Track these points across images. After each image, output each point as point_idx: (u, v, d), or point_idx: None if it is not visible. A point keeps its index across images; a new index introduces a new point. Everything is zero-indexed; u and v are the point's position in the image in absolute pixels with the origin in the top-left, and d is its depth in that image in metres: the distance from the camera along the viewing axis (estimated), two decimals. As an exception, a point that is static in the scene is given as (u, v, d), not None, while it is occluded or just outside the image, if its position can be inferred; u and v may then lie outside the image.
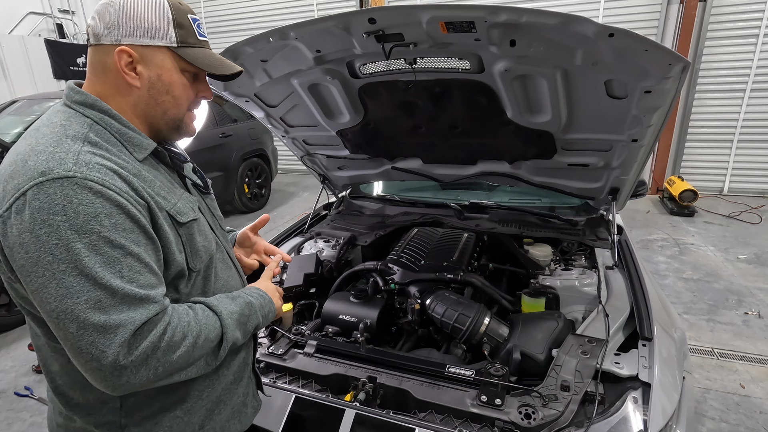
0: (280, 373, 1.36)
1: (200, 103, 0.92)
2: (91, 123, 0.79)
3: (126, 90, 0.81)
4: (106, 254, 0.69)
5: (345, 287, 1.85)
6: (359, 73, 1.62)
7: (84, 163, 0.71)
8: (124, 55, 0.78)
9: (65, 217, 0.67)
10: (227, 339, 0.85)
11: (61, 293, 0.67)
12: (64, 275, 0.67)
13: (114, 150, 0.78)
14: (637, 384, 1.20)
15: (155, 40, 0.80)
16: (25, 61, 6.59)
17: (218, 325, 0.83)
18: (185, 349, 0.76)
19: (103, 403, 0.83)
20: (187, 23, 0.83)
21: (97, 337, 0.68)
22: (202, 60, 0.84)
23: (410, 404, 1.23)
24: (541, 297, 1.64)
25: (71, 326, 0.68)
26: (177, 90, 0.84)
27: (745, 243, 4.36)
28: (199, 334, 0.79)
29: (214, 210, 1.03)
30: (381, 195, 2.67)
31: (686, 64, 1.20)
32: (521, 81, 1.48)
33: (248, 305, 0.92)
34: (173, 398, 0.87)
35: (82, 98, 0.80)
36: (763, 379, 2.46)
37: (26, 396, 2.53)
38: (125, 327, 0.69)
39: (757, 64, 5.46)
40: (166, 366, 0.74)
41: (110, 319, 0.69)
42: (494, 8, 1.16)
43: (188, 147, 4.63)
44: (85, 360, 0.69)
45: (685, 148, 6.04)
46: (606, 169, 1.87)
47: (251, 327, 0.93)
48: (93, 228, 0.69)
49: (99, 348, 0.68)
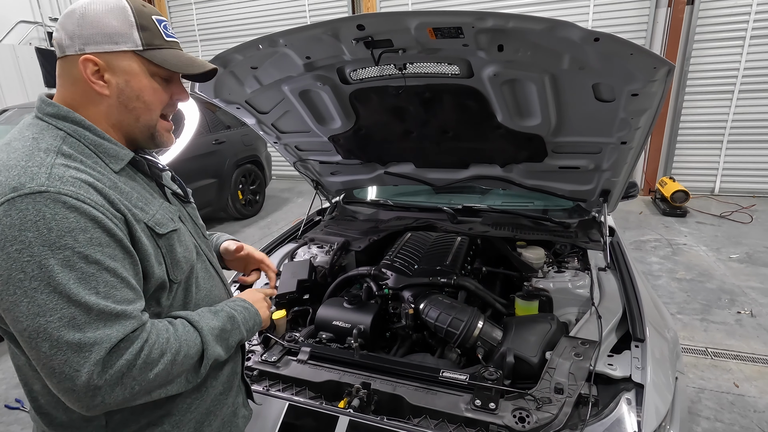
0: (274, 381, 1.35)
1: (175, 106, 0.89)
2: (65, 135, 0.77)
3: (96, 99, 0.80)
4: (80, 270, 0.68)
5: (339, 293, 1.85)
6: (350, 79, 1.63)
7: (57, 177, 0.69)
8: (89, 64, 0.77)
9: (38, 233, 0.65)
10: (208, 355, 0.82)
11: (33, 311, 0.65)
12: (36, 293, 0.65)
13: (89, 162, 0.76)
14: (631, 385, 1.20)
15: (119, 46, 0.78)
16: (16, 69, 6.55)
17: (198, 341, 0.81)
18: (163, 366, 0.74)
19: (87, 422, 0.81)
20: (151, 25, 0.81)
21: (71, 356, 0.66)
22: (171, 61, 0.82)
23: (404, 410, 1.22)
24: (535, 300, 1.65)
25: (44, 345, 0.66)
26: (148, 95, 0.82)
27: (737, 242, 4.40)
28: (179, 350, 0.76)
29: (196, 219, 1.01)
30: (374, 200, 2.68)
31: (671, 68, 1.21)
32: (510, 85, 1.49)
33: (231, 319, 0.89)
34: (161, 413, 0.85)
35: (55, 110, 0.78)
36: (757, 377, 2.47)
37: (17, 408, 2.49)
38: (100, 345, 0.67)
39: (745, 66, 5.54)
40: (143, 384, 0.72)
41: (84, 337, 0.67)
42: (481, 14, 1.17)
43: (181, 154, 4.61)
44: (58, 380, 0.67)
45: (676, 149, 6.11)
46: (596, 172, 1.88)
47: (233, 342, 0.90)
48: (67, 243, 0.67)
49: (72, 367, 0.66)
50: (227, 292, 1.04)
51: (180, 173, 1.08)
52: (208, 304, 0.93)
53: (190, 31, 8.00)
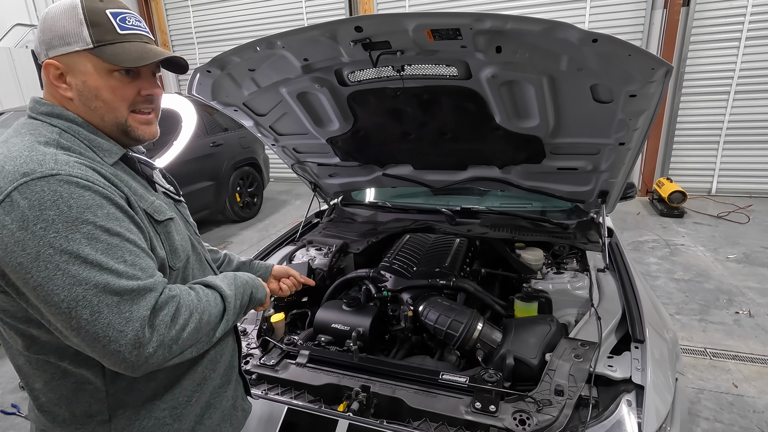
0: (273, 385, 1.34)
1: (151, 101, 0.87)
2: (60, 131, 0.79)
3: (66, 102, 0.81)
4: (105, 242, 0.70)
5: (337, 295, 1.84)
6: (348, 81, 1.62)
7: (64, 162, 0.72)
8: (51, 68, 0.79)
9: (58, 211, 0.68)
10: (229, 306, 0.87)
11: (68, 282, 0.67)
12: (68, 265, 0.67)
13: (86, 154, 0.79)
14: (631, 386, 1.20)
15: (72, 46, 0.78)
16: (12, 72, 6.52)
17: (219, 299, 0.86)
18: (194, 325, 0.78)
19: (90, 417, 0.82)
20: (103, 20, 0.79)
21: (113, 318, 0.68)
22: (121, 56, 0.79)
23: (404, 413, 1.22)
24: (534, 301, 1.65)
25: (84, 312, 0.67)
26: (106, 93, 0.80)
27: (734, 243, 4.41)
28: (204, 309, 0.81)
29: (187, 217, 1.03)
30: (373, 202, 2.67)
31: (669, 68, 1.21)
32: (508, 87, 1.49)
33: (237, 278, 0.96)
34: (162, 406, 0.86)
35: (48, 109, 0.80)
36: (756, 377, 2.48)
37: (13, 414, 2.47)
38: (139, 305, 0.71)
39: (741, 66, 5.57)
40: (179, 342, 0.75)
41: (122, 300, 0.69)
42: (479, 15, 1.17)
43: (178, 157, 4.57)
44: (103, 344, 0.68)
45: (673, 150, 6.13)
46: (595, 173, 1.88)
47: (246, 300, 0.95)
48: (88, 218, 0.69)
49: (116, 329, 0.68)
50: None
51: (177, 176, 1.09)
52: None
53: (188, 34, 8.00)
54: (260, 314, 1.61)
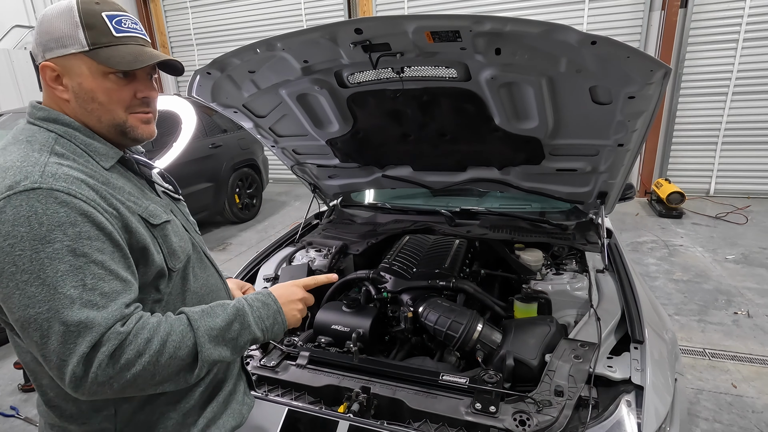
0: (273, 386, 1.34)
1: (148, 104, 0.87)
2: (56, 137, 0.79)
3: (63, 104, 0.82)
4: (68, 263, 0.69)
5: (337, 297, 1.84)
6: (347, 83, 1.63)
7: (50, 174, 0.72)
8: (47, 71, 0.79)
9: (29, 227, 0.68)
10: (203, 358, 0.77)
11: (23, 303, 0.68)
12: (26, 285, 0.68)
13: (81, 160, 0.79)
14: (630, 387, 1.20)
15: (67, 48, 0.78)
16: (11, 74, 6.51)
17: (191, 343, 0.77)
18: (141, 367, 0.71)
19: (97, 412, 0.83)
20: (99, 23, 0.79)
21: (58, 347, 0.68)
22: (115, 59, 0.79)
23: (404, 414, 1.22)
24: (534, 302, 1.65)
25: (35, 335, 0.69)
26: (101, 96, 0.81)
27: (733, 243, 4.43)
28: (161, 352, 0.73)
29: (187, 215, 1.04)
30: (372, 203, 2.67)
31: (667, 70, 1.22)
32: (508, 88, 1.50)
33: (240, 317, 0.83)
34: (166, 400, 0.88)
35: (45, 114, 0.81)
36: (755, 378, 2.48)
37: (12, 416, 2.47)
38: (83, 338, 0.68)
39: (738, 68, 5.59)
40: (123, 382, 0.71)
41: (68, 331, 0.68)
42: (478, 18, 1.18)
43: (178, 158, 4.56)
44: (50, 368, 0.70)
45: (672, 151, 6.14)
46: (594, 174, 1.89)
47: (243, 342, 0.84)
48: (56, 237, 0.69)
49: (60, 357, 0.68)
50: (223, 281, 1.06)
51: (177, 177, 1.09)
52: (205, 291, 0.95)
53: (187, 35, 8.00)
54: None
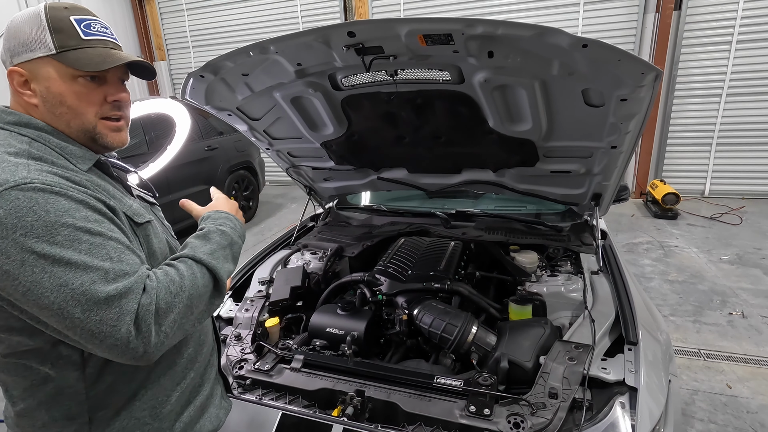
0: (267, 390, 1.34)
1: (119, 108, 0.86)
2: (30, 140, 0.78)
3: (32, 109, 0.81)
4: (87, 242, 0.71)
5: (332, 299, 1.84)
6: (341, 86, 1.63)
7: (36, 171, 0.72)
8: (15, 75, 0.79)
9: (36, 216, 0.68)
10: (221, 277, 0.84)
11: (55, 283, 0.68)
12: (53, 266, 0.68)
13: (59, 163, 0.78)
14: (624, 389, 1.21)
15: (35, 52, 0.78)
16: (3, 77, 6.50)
17: (205, 271, 0.83)
18: (182, 304, 0.76)
19: (71, 420, 0.82)
20: (66, 26, 0.79)
21: (104, 315, 0.69)
22: (83, 61, 0.79)
23: (399, 417, 1.21)
24: (528, 304, 1.65)
25: (76, 311, 0.68)
26: (70, 99, 0.80)
27: (727, 244, 4.45)
28: (191, 286, 0.79)
29: (162, 219, 1.04)
30: (368, 205, 2.67)
31: (658, 73, 1.23)
32: (501, 91, 1.50)
33: (222, 235, 0.90)
34: (142, 405, 0.87)
35: (15, 118, 0.80)
36: (749, 378, 2.49)
37: (1, 421, 2.44)
38: (128, 298, 0.70)
39: (732, 69, 5.63)
40: (174, 325, 0.75)
41: (110, 296, 0.69)
42: (471, 21, 1.18)
43: (173, 161, 4.55)
44: (100, 340, 0.69)
45: (666, 152, 6.18)
46: (588, 176, 1.90)
47: (236, 252, 0.92)
48: (67, 222, 0.70)
49: (109, 324, 0.69)
50: None
51: (172, 180, 1.09)
52: None
53: (183, 38, 7.99)
54: (255, 319, 1.61)
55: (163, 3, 7.91)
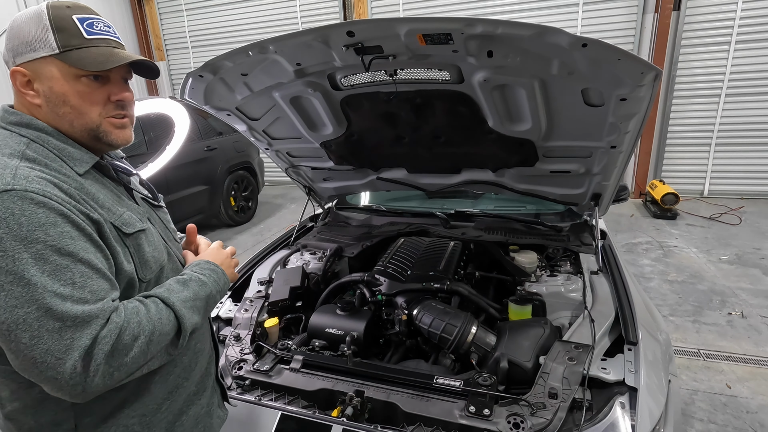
0: (266, 390, 1.33)
1: (123, 107, 0.85)
2: (28, 141, 0.78)
3: (35, 109, 0.81)
4: (54, 262, 0.68)
5: (332, 300, 1.84)
6: (340, 85, 1.63)
7: (23, 177, 0.71)
8: (18, 75, 0.79)
9: (8, 228, 0.66)
10: (185, 328, 0.82)
11: (10, 304, 0.66)
12: (12, 286, 0.66)
13: (54, 165, 0.77)
14: (624, 389, 1.21)
15: (38, 52, 0.78)
16: (5, 77, 6.50)
17: (173, 318, 0.80)
18: (139, 349, 0.74)
19: (57, 425, 0.81)
20: (69, 25, 0.78)
21: (53, 345, 0.66)
22: (86, 60, 0.78)
23: (399, 417, 1.21)
24: (528, 304, 1.65)
25: (24, 336, 0.66)
26: (73, 99, 0.80)
27: (727, 244, 4.45)
28: (153, 331, 0.76)
29: (167, 223, 1.02)
30: (367, 205, 2.67)
31: (658, 73, 1.23)
32: (500, 90, 1.50)
33: (202, 286, 0.88)
34: (131, 414, 0.85)
35: (17, 119, 0.80)
36: (749, 378, 2.49)
37: None
38: (82, 333, 0.68)
39: (731, 70, 5.64)
40: (122, 369, 0.72)
41: (64, 326, 0.67)
42: (470, 20, 1.18)
43: (172, 161, 4.52)
44: (40, 370, 0.67)
45: (666, 152, 6.18)
46: (587, 176, 1.89)
47: (211, 306, 0.90)
48: (38, 237, 0.68)
49: (55, 356, 0.66)
50: None
51: (171, 180, 1.08)
52: None
53: (182, 38, 7.98)
54: (254, 320, 1.61)
55: (162, 3, 7.91)
